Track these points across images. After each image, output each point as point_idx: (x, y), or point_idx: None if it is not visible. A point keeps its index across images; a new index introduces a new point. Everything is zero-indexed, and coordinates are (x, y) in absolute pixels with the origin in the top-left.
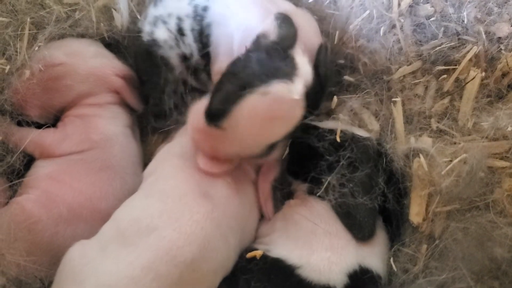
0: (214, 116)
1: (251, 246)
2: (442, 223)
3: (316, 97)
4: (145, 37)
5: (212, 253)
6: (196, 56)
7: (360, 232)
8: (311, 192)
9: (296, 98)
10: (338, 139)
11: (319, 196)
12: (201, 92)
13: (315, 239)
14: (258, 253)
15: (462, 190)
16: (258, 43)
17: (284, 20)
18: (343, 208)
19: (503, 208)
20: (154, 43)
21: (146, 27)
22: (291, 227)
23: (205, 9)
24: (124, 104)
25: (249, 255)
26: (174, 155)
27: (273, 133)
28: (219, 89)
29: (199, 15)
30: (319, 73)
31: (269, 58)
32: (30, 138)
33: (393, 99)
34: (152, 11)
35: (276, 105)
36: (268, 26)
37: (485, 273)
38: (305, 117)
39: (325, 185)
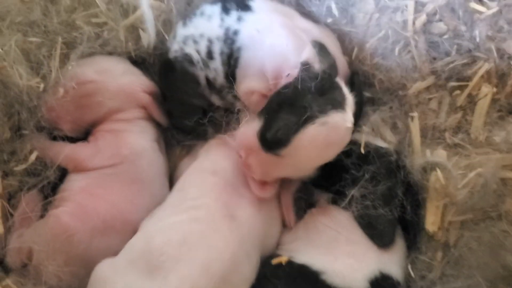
0: (274, 144)
1: (275, 253)
2: (457, 232)
3: (356, 120)
4: (173, 54)
5: (239, 266)
6: (220, 80)
7: (381, 240)
8: (334, 202)
9: (350, 126)
10: (362, 151)
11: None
12: (226, 111)
13: (337, 247)
14: (283, 259)
15: (476, 202)
16: (309, 71)
17: (322, 48)
18: (365, 219)
19: None
20: (184, 58)
21: (175, 46)
22: (314, 235)
23: (236, 33)
24: (151, 119)
25: (275, 261)
26: (204, 171)
27: (327, 157)
28: (277, 117)
29: (230, 39)
30: (357, 100)
31: (324, 87)
32: (65, 153)
33: (411, 114)
34: (182, 31)
35: (333, 134)
36: (308, 54)
37: (499, 281)
38: None
39: (348, 198)
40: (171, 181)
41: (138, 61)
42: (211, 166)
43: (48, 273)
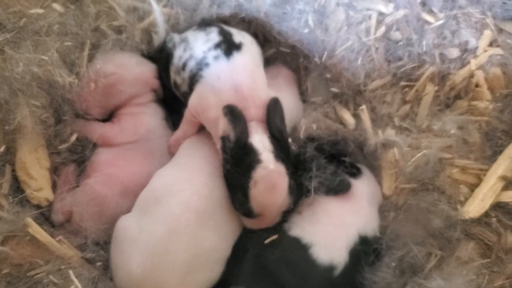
0: None
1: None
2: (405, 197)
3: (284, 145)
4: (169, 43)
5: (217, 207)
6: (185, 88)
7: (343, 190)
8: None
9: (275, 168)
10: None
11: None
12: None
13: (322, 222)
14: (274, 238)
15: (418, 174)
16: (225, 149)
17: (232, 114)
18: (329, 189)
19: (444, 190)
20: (170, 53)
21: (176, 38)
22: (305, 218)
23: (207, 65)
24: (159, 101)
25: (267, 241)
26: (195, 142)
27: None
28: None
29: (200, 65)
30: (272, 130)
31: (240, 159)
32: (97, 133)
33: (360, 108)
34: (188, 33)
35: (273, 178)
36: (225, 126)
37: (426, 237)
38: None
39: (313, 186)
40: None
41: (149, 56)
42: (200, 139)
43: (88, 229)
